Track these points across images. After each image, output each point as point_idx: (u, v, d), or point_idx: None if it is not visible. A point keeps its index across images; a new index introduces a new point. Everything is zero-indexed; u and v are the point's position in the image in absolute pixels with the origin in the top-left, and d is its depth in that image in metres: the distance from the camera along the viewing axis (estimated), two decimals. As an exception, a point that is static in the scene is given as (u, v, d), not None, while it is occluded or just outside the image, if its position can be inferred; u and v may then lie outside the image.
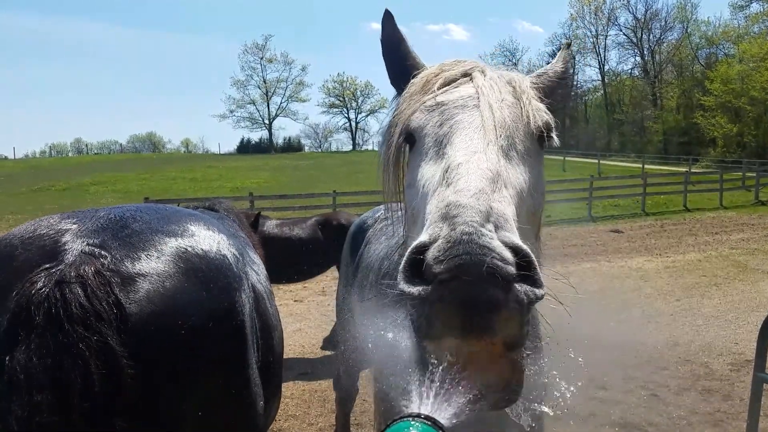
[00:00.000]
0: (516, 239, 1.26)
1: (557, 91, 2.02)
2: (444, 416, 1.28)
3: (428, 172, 1.57)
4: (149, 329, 1.65)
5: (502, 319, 1.18)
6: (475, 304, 1.16)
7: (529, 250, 1.24)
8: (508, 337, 1.21)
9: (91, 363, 1.51)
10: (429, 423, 1.22)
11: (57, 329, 1.52)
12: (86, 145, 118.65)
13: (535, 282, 1.23)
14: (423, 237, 1.28)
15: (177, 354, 1.71)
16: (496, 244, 1.21)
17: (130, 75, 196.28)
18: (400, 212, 1.98)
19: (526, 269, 1.22)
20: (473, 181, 1.36)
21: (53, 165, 56.78)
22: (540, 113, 1.72)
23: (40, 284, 1.58)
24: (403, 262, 1.27)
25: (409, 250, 1.27)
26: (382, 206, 3.06)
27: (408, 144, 1.80)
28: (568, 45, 2.23)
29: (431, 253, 1.22)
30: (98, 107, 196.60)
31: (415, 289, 1.22)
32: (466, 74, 1.79)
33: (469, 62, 1.85)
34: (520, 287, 1.19)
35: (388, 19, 1.99)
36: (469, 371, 1.29)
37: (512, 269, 1.19)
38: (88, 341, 1.52)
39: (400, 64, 1.98)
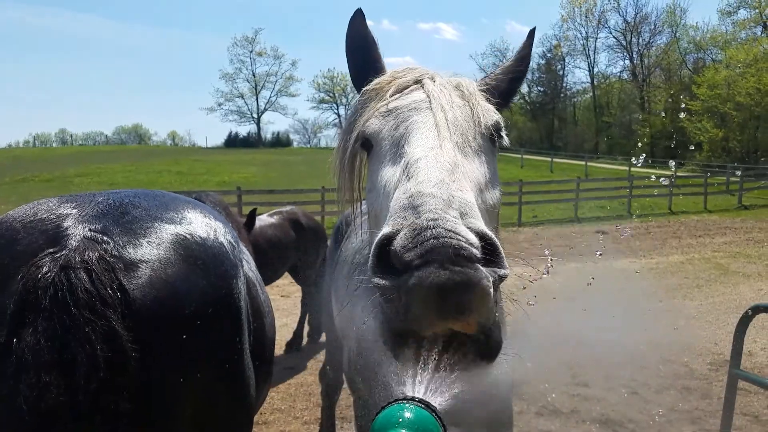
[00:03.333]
0: (481, 224, 1.31)
1: (511, 85, 2.08)
2: (436, 399, 1.31)
3: (388, 173, 1.63)
4: (152, 314, 1.69)
5: (477, 298, 1.23)
6: (452, 286, 1.20)
7: (492, 235, 1.30)
8: (482, 316, 1.26)
9: (97, 346, 1.54)
10: (422, 406, 1.25)
11: (64, 313, 1.55)
12: (71, 136, 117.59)
13: (499, 264, 1.28)
14: (386, 229, 1.31)
15: (178, 338, 1.75)
16: (462, 229, 1.26)
17: (116, 66, 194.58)
18: (356, 213, 2.05)
19: (490, 253, 1.27)
20: (433, 173, 1.42)
21: (37, 155, 56.12)
22: (489, 113, 1.80)
23: (45, 269, 1.60)
24: (370, 257, 1.31)
25: (374, 244, 1.31)
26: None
27: (365, 150, 1.86)
28: (532, 31, 2.23)
29: (398, 242, 1.25)
30: (84, 98, 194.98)
31: (387, 281, 1.25)
32: (417, 81, 1.86)
33: (419, 69, 1.92)
34: (486, 269, 1.24)
35: (360, 17, 2.01)
36: (446, 352, 1.34)
37: (477, 252, 1.23)
38: (94, 325, 1.56)
39: (368, 66, 2.01)
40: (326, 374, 4.80)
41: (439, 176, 1.40)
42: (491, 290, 1.24)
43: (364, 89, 1.94)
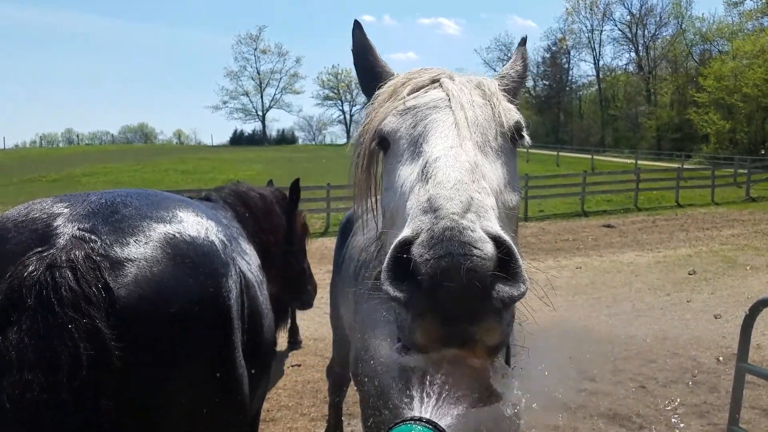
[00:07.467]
0: (497, 228, 1.27)
1: (519, 89, 2.10)
2: (442, 420, 1.29)
3: (405, 171, 1.60)
4: (136, 313, 1.69)
5: (483, 330, 1.21)
6: (456, 318, 1.19)
7: (510, 241, 1.26)
8: (489, 343, 1.24)
9: (80, 344, 1.55)
10: (430, 427, 1.23)
11: (48, 312, 1.56)
12: (77, 136, 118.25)
13: (515, 277, 1.24)
14: (406, 231, 1.28)
15: (163, 337, 1.75)
16: (478, 236, 1.21)
17: (122, 65, 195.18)
18: (372, 216, 2.00)
19: (506, 263, 1.23)
20: (452, 173, 1.38)
21: (44, 155, 56.52)
22: (510, 113, 1.77)
23: (31, 267, 1.62)
24: (386, 261, 1.27)
25: (393, 246, 1.27)
26: None
27: (382, 149, 1.82)
28: (524, 41, 2.27)
29: (416, 250, 1.22)
30: (90, 97, 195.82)
31: (400, 294, 1.23)
32: (434, 80, 1.83)
33: (436, 69, 1.89)
34: (498, 291, 1.21)
35: (358, 28, 2.07)
36: (452, 375, 1.32)
37: (491, 264, 1.19)
38: (77, 323, 1.56)
39: (371, 70, 2.04)
40: (333, 371, 4.80)
41: (458, 176, 1.37)
42: (500, 317, 1.21)
43: (377, 92, 1.91)
